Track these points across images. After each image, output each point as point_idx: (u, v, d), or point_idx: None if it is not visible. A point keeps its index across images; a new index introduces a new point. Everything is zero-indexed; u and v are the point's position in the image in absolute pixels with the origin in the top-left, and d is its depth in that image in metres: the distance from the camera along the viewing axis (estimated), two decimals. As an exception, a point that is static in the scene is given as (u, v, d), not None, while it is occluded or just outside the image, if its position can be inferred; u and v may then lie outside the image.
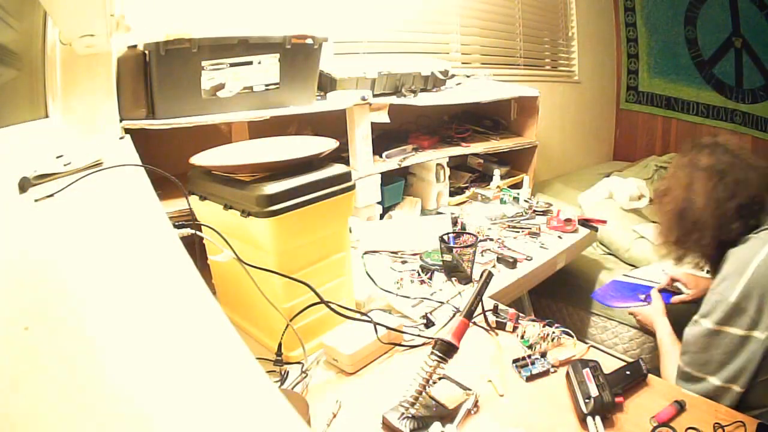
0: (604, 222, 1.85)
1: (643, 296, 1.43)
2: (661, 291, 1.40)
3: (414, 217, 1.76)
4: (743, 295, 0.94)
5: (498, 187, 1.95)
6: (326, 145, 1.03)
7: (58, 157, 0.88)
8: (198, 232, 0.89)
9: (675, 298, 1.37)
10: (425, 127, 2.06)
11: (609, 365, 0.90)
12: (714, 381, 0.97)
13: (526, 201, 1.87)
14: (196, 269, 0.51)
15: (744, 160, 1.11)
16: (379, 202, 1.67)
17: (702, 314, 1.00)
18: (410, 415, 0.77)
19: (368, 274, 1.25)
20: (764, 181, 1.08)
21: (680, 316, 1.33)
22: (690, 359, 1.01)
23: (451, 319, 1.07)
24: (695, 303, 1.29)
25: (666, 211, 1.17)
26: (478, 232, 1.56)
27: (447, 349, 0.79)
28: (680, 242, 1.16)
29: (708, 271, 1.24)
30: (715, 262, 1.11)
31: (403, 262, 1.40)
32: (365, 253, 1.42)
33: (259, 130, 1.44)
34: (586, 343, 1.01)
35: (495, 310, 1.09)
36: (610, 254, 2.22)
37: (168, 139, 1.24)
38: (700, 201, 1.09)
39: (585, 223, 1.75)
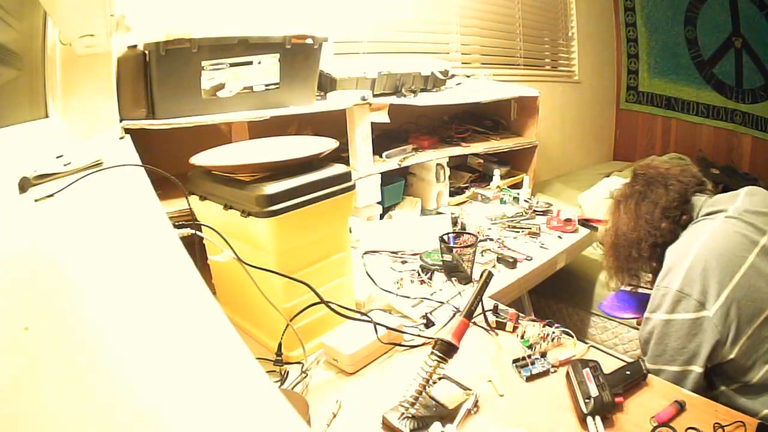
0: (605, 222, 1.85)
1: None
2: None
3: (414, 217, 1.76)
4: (685, 281, 0.99)
5: (498, 187, 1.96)
6: (326, 145, 1.03)
7: (58, 157, 0.88)
8: (198, 232, 0.89)
9: None
10: (425, 127, 2.06)
11: (609, 365, 0.90)
12: (671, 368, 1.00)
13: (526, 201, 1.87)
14: (196, 269, 0.51)
15: (662, 175, 1.18)
16: (379, 202, 1.67)
17: (651, 310, 1.05)
18: (410, 415, 0.77)
19: (368, 274, 1.25)
20: (683, 185, 1.15)
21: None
22: (649, 356, 1.04)
23: (451, 319, 1.07)
24: None
25: (605, 250, 1.28)
26: (478, 232, 1.56)
27: (447, 349, 0.79)
28: (623, 265, 1.23)
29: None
30: (658, 269, 1.16)
31: (403, 262, 1.40)
32: (365, 253, 1.42)
33: (259, 130, 1.43)
34: (586, 343, 1.01)
35: (495, 310, 1.09)
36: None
37: (168, 139, 1.23)
38: (626, 224, 1.19)
39: (585, 223, 1.75)
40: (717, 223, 1.05)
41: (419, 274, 1.31)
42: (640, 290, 1.58)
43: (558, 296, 2.13)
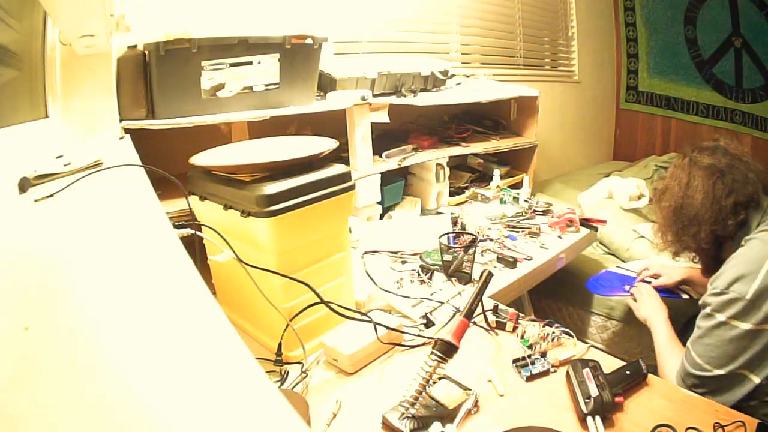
0: (604, 222, 1.85)
1: (629, 287, 1.52)
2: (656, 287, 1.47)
3: (414, 217, 1.76)
4: (758, 293, 0.97)
5: (498, 187, 1.95)
6: (326, 145, 1.03)
7: (58, 157, 0.88)
8: (198, 232, 0.89)
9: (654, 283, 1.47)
10: (425, 127, 2.06)
11: (609, 365, 0.90)
12: (718, 372, 0.99)
13: (526, 201, 1.87)
14: (196, 269, 0.51)
15: (743, 162, 1.15)
16: (379, 202, 1.67)
17: (715, 308, 1.02)
18: (410, 415, 0.77)
19: (368, 274, 1.25)
20: (761, 182, 1.13)
21: (680, 315, 1.36)
22: (702, 351, 1.03)
23: (451, 319, 1.07)
24: (676, 295, 1.47)
25: (665, 207, 1.21)
26: (478, 232, 1.56)
27: (447, 349, 0.79)
28: (678, 237, 1.20)
29: (696, 261, 1.30)
30: (709, 257, 1.16)
31: (403, 262, 1.40)
32: (365, 253, 1.42)
33: (259, 130, 1.43)
34: (586, 343, 1.01)
35: (495, 310, 1.09)
36: (610, 254, 2.22)
37: (168, 139, 1.23)
38: (698, 197, 1.13)
39: (585, 223, 1.75)
40: None
41: (419, 274, 1.31)
42: (629, 273, 1.68)
43: (558, 296, 2.13)
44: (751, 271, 0.99)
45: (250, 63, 1.30)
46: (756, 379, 0.98)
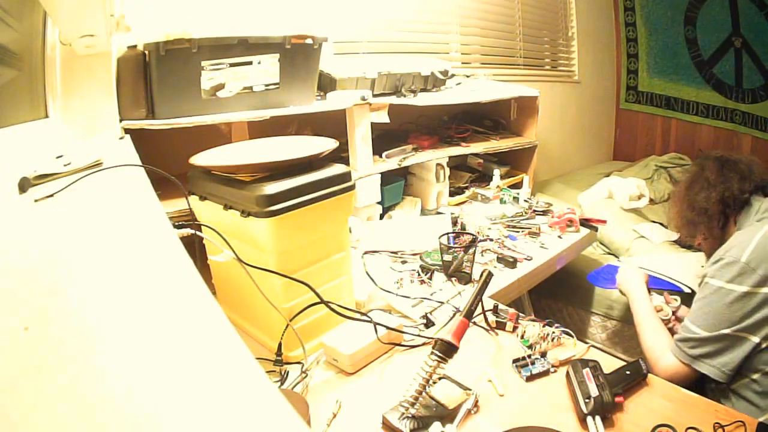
0: (604, 222, 1.86)
1: None
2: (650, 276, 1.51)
3: (414, 217, 1.76)
4: (752, 257, 1.03)
5: (498, 187, 1.95)
6: (326, 145, 1.03)
7: (58, 157, 0.88)
8: (198, 232, 0.89)
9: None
10: (425, 127, 2.06)
11: (609, 365, 0.90)
12: (724, 331, 1.03)
13: (526, 201, 1.87)
14: (196, 269, 0.51)
15: (755, 160, 1.26)
16: (379, 202, 1.67)
17: (712, 275, 1.08)
18: (410, 415, 0.77)
19: (368, 274, 1.25)
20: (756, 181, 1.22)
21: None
22: (701, 318, 1.07)
23: (451, 319, 1.07)
24: (677, 288, 1.54)
25: (685, 196, 1.32)
26: (478, 232, 1.56)
27: (447, 349, 0.79)
28: (693, 221, 1.30)
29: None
30: (715, 244, 1.22)
31: (403, 262, 1.40)
32: (365, 253, 1.42)
33: (259, 130, 1.44)
34: (586, 343, 1.01)
35: (495, 310, 1.09)
36: (610, 254, 2.22)
37: (168, 139, 1.24)
38: (711, 177, 1.25)
39: (585, 223, 1.75)
40: None
41: (419, 274, 1.31)
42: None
43: (558, 296, 2.13)
44: (745, 239, 1.07)
45: (250, 63, 1.30)
46: (755, 339, 1.01)
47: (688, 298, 1.45)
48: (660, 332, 1.20)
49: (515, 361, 0.93)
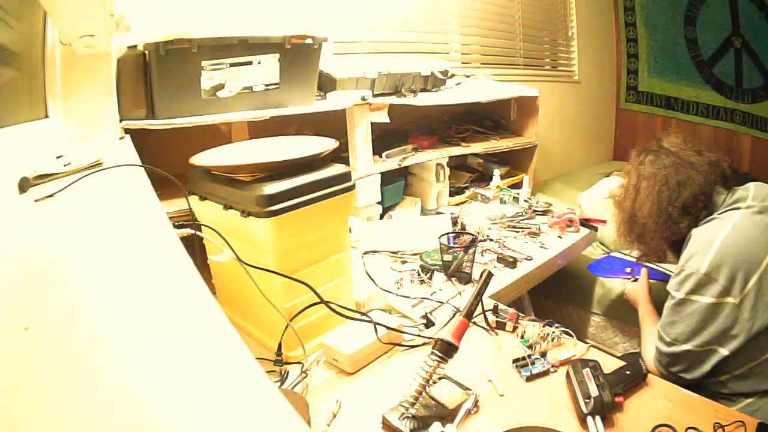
0: (604, 222, 1.85)
1: (629, 269, 1.59)
2: (649, 268, 1.52)
3: (414, 217, 1.76)
4: (713, 266, 1.01)
5: (498, 187, 1.96)
6: (326, 145, 1.03)
7: (58, 157, 0.88)
8: (198, 232, 0.89)
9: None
10: (425, 127, 2.06)
11: (609, 365, 0.90)
12: (685, 347, 1.04)
13: (525, 201, 1.87)
14: (196, 269, 0.51)
15: (686, 160, 1.16)
16: (379, 202, 1.67)
17: (673, 288, 1.08)
18: (410, 415, 0.77)
19: (368, 274, 1.25)
20: (706, 177, 1.14)
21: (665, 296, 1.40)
22: (664, 326, 1.09)
23: (451, 319, 1.07)
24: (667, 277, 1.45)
25: (619, 218, 1.28)
26: (478, 232, 1.56)
27: (447, 349, 0.79)
28: (637, 244, 1.27)
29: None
30: (676, 249, 1.18)
31: (403, 262, 1.40)
32: (365, 253, 1.42)
33: (259, 130, 1.43)
34: (586, 343, 1.01)
35: (495, 310, 1.09)
36: (610, 254, 2.22)
37: (168, 139, 1.23)
38: (645, 209, 1.18)
39: (585, 223, 1.75)
40: (740, 213, 1.07)
41: (419, 274, 1.31)
42: (631, 258, 1.71)
43: (558, 296, 2.13)
44: (703, 246, 1.04)
45: (250, 63, 1.30)
46: (724, 351, 1.01)
47: None
48: (651, 341, 1.20)
49: (515, 361, 0.93)
